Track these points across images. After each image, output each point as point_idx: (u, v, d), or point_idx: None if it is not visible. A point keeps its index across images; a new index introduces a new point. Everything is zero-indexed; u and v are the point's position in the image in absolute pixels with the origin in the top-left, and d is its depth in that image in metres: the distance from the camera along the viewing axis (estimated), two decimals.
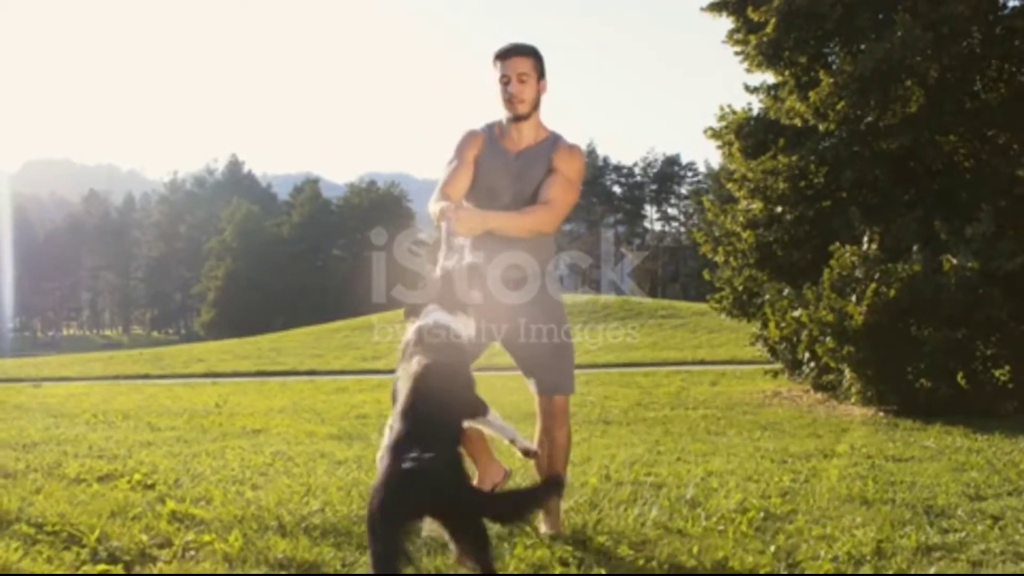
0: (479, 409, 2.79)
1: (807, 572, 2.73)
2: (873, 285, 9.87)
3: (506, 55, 3.53)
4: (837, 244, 10.58)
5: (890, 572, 2.85)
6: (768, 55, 12.14)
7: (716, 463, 5.67)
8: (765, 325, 12.36)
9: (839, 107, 11.26)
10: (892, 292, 9.69)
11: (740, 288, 13.12)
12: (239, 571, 2.56)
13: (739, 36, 12.49)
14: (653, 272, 78.64)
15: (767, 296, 12.15)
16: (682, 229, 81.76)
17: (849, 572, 2.80)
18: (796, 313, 11.05)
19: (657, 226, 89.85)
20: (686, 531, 3.35)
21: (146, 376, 23.15)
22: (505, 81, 3.50)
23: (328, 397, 13.47)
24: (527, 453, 2.92)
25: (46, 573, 2.46)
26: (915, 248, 10.15)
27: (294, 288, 72.71)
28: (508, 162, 3.56)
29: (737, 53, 12.84)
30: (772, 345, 13.00)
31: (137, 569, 2.58)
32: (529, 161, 3.55)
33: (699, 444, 7.15)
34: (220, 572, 2.54)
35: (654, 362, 23.20)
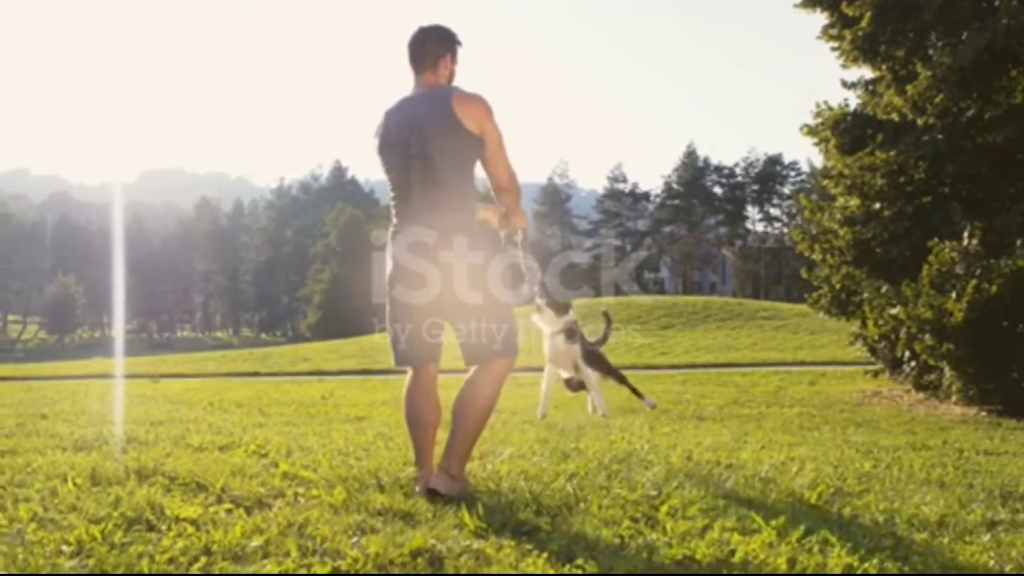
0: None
1: (865, 536, 2.88)
2: (974, 281, 9.67)
3: None
4: (936, 240, 10.39)
5: (945, 539, 2.96)
6: (864, 49, 11.99)
7: (800, 451, 5.76)
8: (864, 324, 12.20)
9: (937, 100, 11.05)
10: (994, 288, 9.48)
11: (838, 286, 12.97)
12: (342, 517, 2.92)
13: (834, 32, 12.37)
14: (755, 273, 77.15)
15: (865, 294, 11.99)
16: (785, 230, 79.89)
17: (905, 538, 2.93)
18: (894, 311, 10.89)
19: (759, 227, 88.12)
20: (755, 501, 3.52)
21: (255, 374, 24.29)
22: None
23: None
24: None
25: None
26: (1019, 243, 9.90)
27: None
28: None
29: (833, 49, 12.72)
30: (871, 344, 12.79)
31: (255, 512, 2.98)
32: None
33: (788, 436, 7.20)
34: (326, 518, 2.90)
35: (753, 362, 23.00)
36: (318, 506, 3.08)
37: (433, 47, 3.77)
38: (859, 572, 2.47)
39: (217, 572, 2.28)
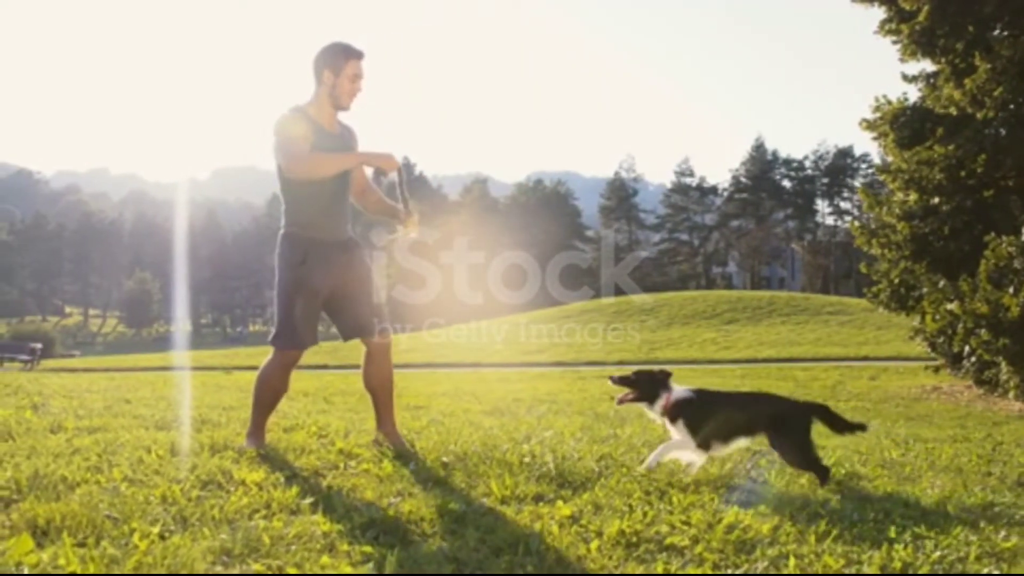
0: None
1: (855, 511, 3.13)
2: None
3: (361, 56, 4.19)
4: (992, 234, 10.37)
5: (933, 518, 3.18)
6: (921, 43, 11.97)
7: (835, 440, 5.93)
8: (923, 319, 12.19)
9: (997, 93, 11.00)
10: None
11: (896, 281, 12.95)
12: (387, 485, 3.31)
13: (891, 26, 12.37)
14: (825, 268, 75.80)
15: (923, 288, 11.98)
16: (856, 224, 78.11)
17: (894, 513, 3.18)
18: (951, 305, 10.88)
19: (829, 221, 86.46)
20: (770, 481, 3.79)
21: (324, 366, 25.06)
22: (358, 79, 4.17)
23: (489, 385, 14.32)
24: None
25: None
26: None
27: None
28: (333, 138, 4.27)
29: (893, 43, 12.70)
30: (931, 339, 12.75)
31: (312, 479, 3.40)
32: (346, 139, 4.36)
33: None
34: (372, 485, 3.30)
35: (815, 357, 22.89)
36: (366, 476, 3.49)
37: (314, 66, 4.20)
38: (833, 536, 2.74)
39: (275, 521, 2.69)
